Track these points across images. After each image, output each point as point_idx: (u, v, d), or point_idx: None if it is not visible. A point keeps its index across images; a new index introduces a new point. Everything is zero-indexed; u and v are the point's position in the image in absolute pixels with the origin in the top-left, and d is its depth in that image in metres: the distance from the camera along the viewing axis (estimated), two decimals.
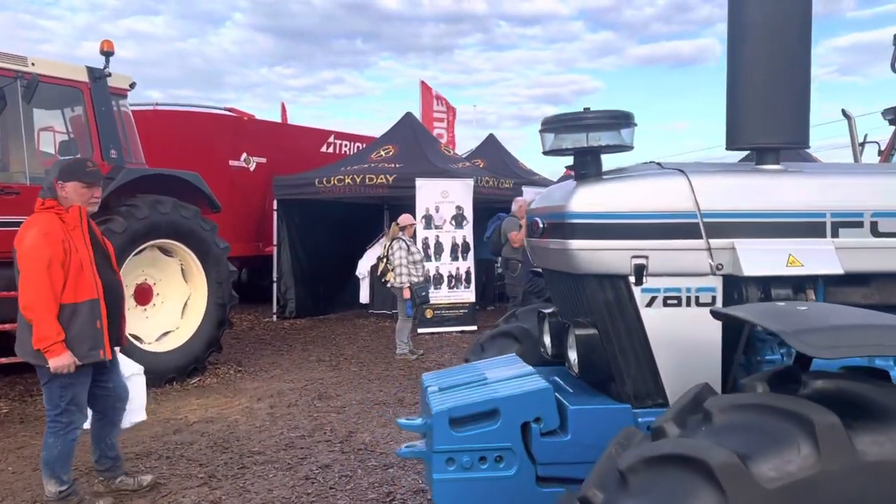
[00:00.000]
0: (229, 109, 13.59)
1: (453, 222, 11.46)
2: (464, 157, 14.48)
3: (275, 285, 12.97)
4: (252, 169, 13.43)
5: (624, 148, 2.62)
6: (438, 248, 11.33)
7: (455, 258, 11.43)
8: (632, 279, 2.47)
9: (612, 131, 2.59)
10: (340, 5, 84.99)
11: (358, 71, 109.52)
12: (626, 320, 2.51)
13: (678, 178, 2.53)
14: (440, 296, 11.18)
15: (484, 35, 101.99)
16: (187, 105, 13.47)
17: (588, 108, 2.61)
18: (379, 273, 10.35)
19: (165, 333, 8.36)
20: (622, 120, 2.56)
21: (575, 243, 2.47)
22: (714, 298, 2.48)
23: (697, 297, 2.47)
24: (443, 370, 3.09)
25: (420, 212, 11.14)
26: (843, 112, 8.19)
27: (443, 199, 11.39)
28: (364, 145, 14.90)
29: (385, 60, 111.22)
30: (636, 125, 2.59)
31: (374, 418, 6.71)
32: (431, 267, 11.06)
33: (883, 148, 9.07)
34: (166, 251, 8.35)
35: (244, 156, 13.30)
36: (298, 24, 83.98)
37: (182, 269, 8.50)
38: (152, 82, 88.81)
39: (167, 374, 7.91)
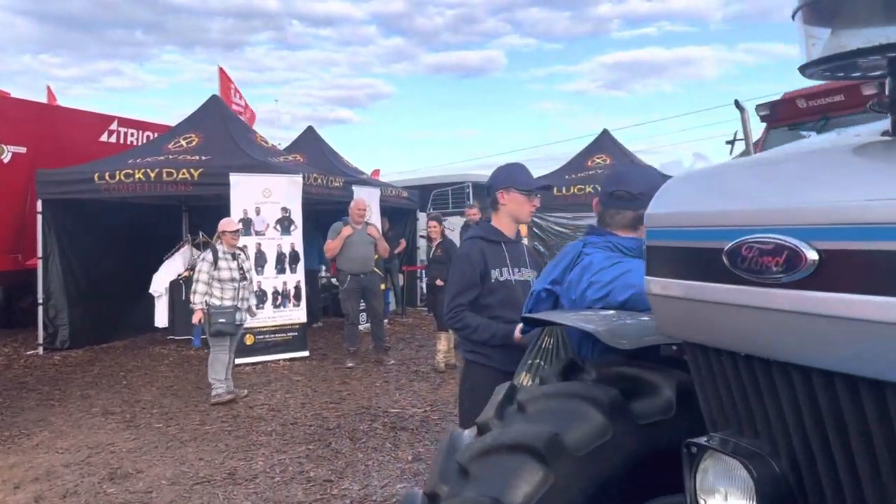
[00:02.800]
0: None
1: (278, 227, 9.45)
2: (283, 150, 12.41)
3: (41, 308, 10.14)
4: (7, 160, 10.47)
5: None
6: (261, 258, 9.27)
7: (281, 270, 9.43)
8: None
9: None
10: None
11: (137, 63, 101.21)
12: None
13: None
14: (264, 317, 9.14)
15: (276, 33, 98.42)
16: None
17: None
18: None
19: None
20: None
21: None
22: None
23: None
24: None
25: (236, 214, 9.03)
26: (736, 103, 7.35)
27: (265, 199, 9.34)
28: (157, 135, 12.36)
29: (169, 54, 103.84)
30: None
31: None
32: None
33: (755, 141, 8.48)
34: None
35: None
36: (68, 9, 75.31)
37: None
38: None
39: None
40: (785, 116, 7.92)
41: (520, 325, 3.34)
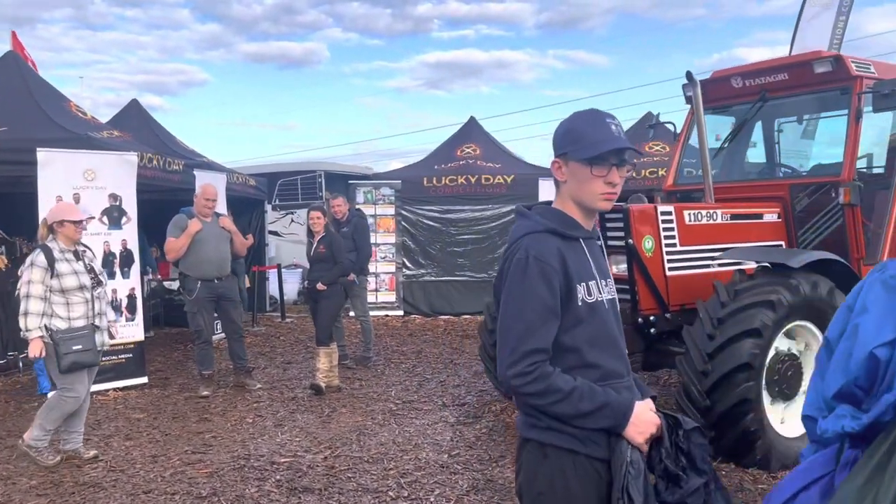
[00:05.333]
0: None
1: (105, 219, 7.36)
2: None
3: None
4: None
5: None
6: None
7: (110, 275, 7.33)
8: None
9: None
10: None
11: None
12: None
13: None
14: None
15: (75, 11, 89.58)
16: None
17: None
18: None
19: None
20: None
21: None
22: None
23: None
24: None
25: (46, 202, 6.86)
26: (688, 75, 6.38)
27: (87, 183, 7.21)
28: None
29: None
30: None
31: None
32: None
33: (679, 130, 7.64)
34: None
35: None
36: None
37: None
38: None
39: None
40: (716, 97, 7.15)
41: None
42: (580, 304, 2.02)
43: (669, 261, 5.55)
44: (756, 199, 6.45)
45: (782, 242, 6.31)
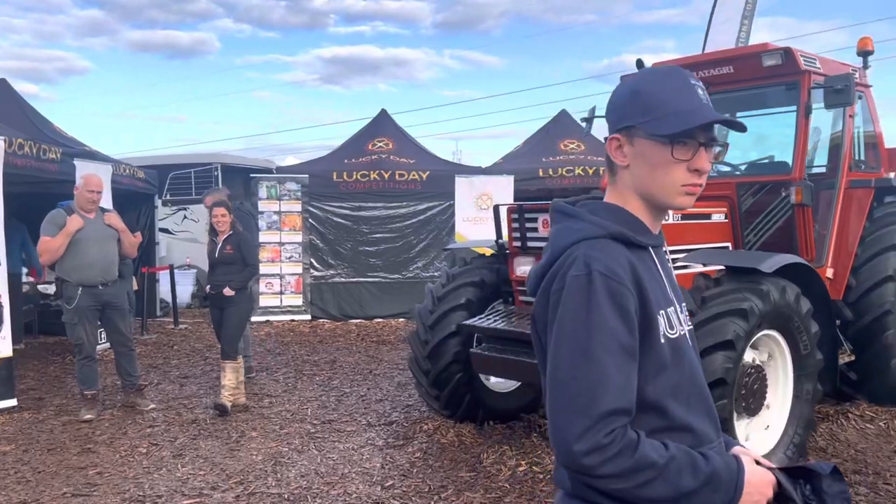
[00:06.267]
0: None
1: None
2: None
3: None
4: None
5: None
6: None
7: None
8: None
9: None
10: None
11: None
12: None
13: None
14: None
15: None
16: None
17: None
18: None
19: None
20: None
21: None
22: None
23: None
24: None
25: None
26: (639, 63, 5.98)
27: None
28: None
29: None
30: None
31: None
32: None
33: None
34: None
35: None
36: None
37: None
38: None
39: None
40: None
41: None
42: (662, 341, 1.42)
43: None
44: (700, 197, 6.12)
45: (729, 244, 5.99)
